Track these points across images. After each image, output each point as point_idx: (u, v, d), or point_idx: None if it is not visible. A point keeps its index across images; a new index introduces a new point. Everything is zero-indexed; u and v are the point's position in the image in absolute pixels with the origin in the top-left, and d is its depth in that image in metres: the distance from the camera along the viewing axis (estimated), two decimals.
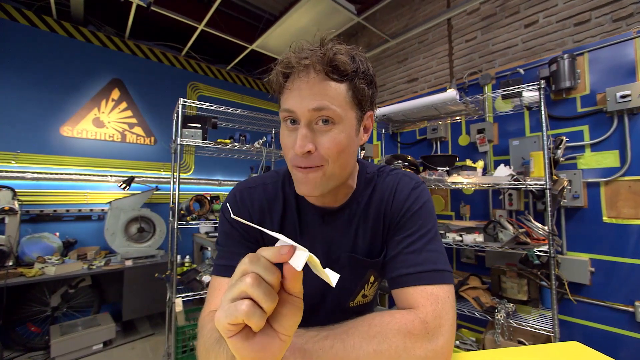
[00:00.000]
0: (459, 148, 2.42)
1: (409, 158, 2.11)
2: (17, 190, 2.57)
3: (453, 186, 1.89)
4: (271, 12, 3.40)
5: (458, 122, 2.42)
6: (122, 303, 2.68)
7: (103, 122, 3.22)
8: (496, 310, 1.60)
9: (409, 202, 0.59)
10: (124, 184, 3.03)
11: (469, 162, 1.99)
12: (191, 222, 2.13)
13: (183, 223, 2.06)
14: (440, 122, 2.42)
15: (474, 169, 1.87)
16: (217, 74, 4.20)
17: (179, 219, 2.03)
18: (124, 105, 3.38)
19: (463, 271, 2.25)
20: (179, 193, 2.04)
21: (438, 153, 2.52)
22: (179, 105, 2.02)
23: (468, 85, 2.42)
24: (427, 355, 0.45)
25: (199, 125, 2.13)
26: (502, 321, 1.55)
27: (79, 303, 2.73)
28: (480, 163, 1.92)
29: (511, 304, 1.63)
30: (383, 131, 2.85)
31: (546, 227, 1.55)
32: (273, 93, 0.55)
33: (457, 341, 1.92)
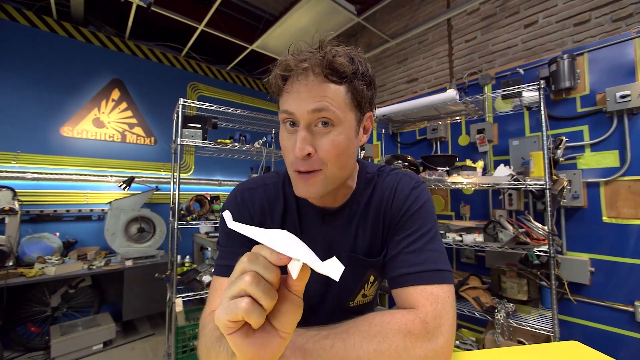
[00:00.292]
0: (459, 148, 2.42)
1: (409, 158, 2.11)
2: (17, 190, 2.57)
3: (453, 186, 1.89)
4: (271, 13, 3.40)
5: (458, 122, 2.42)
6: (122, 303, 2.68)
7: (103, 123, 3.23)
8: (496, 310, 1.61)
9: (409, 202, 0.59)
10: (124, 184, 3.03)
11: (469, 162, 1.99)
12: (191, 222, 2.13)
13: (183, 223, 2.06)
14: (440, 122, 2.42)
15: (474, 169, 1.87)
16: (217, 74, 4.21)
17: (179, 219, 2.03)
18: (124, 105, 3.38)
19: (463, 271, 2.25)
20: (179, 193, 2.05)
21: (438, 153, 2.52)
22: (179, 105, 2.02)
23: (468, 85, 2.42)
24: (427, 355, 0.45)
25: (199, 125, 2.13)
26: (502, 321, 1.56)
27: (79, 303, 2.73)
28: (480, 163, 1.92)
29: (511, 304, 1.63)
30: (383, 131, 2.85)
31: (546, 227, 1.55)
32: (272, 95, 0.55)
33: (457, 341, 1.92)
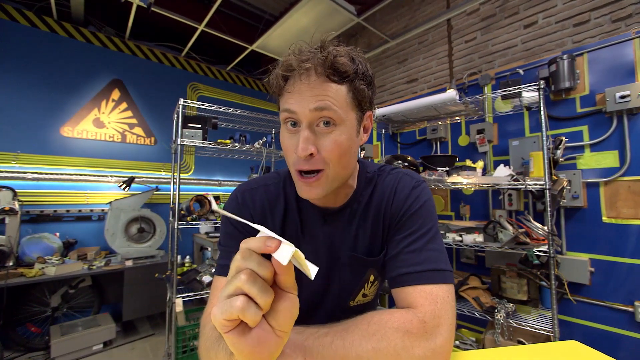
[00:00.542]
0: (459, 148, 2.42)
1: (409, 158, 2.11)
2: (18, 190, 2.57)
3: (453, 186, 1.90)
4: (271, 13, 3.40)
5: (458, 123, 2.42)
6: (122, 303, 2.68)
7: (103, 123, 3.23)
8: (496, 310, 1.61)
9: (410, 201, 0.59)
10: (124, 185, 3.03)
11: (469, 163, 1.99)
12: (191, 223, 2.13)
13: (183, 223, 2.07)
14: (440, 123, 2.43)
15: (474, 169, 1.87)
16: (217, 75, 4.21)
17: (179, 219, 2.03)
18: (124, 105, 3.38)
19: (463, 271, 2.25)
20: (179, 193, 2.05)
21: (438, 153, 2.52)
22: (179, 105, 2.02)
23: (468, 85, 2.43)
24: (426, 354, 0.45)
25: (199, 125, 2.13)
26: (502, 321, 1.56)
27: (79, 303, 2.73)
28: (480, 163, 1.92)
29: (511, 304, 1.63)
30: (383, 131, 2.85)
31: (546, 227, 1.55)
32: (272, 95, 0.55)
33: (457, 341, 1.92)
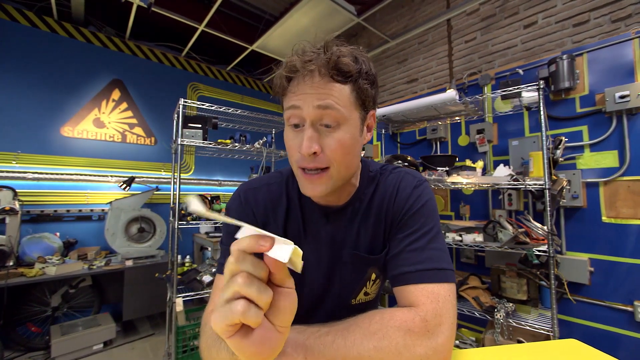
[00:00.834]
0: (459, 148, 2.42)
1: (409, 158, 2.11)
2: (18, 190, 2.57)
3: (453, 186, 1.90)
4: (271, 13, 3.40)
5: (458, 123, 2.42)
6: (123, 303, 2.68)
7: (103, 123, 3.23)
8: (496, 309, 1.61)
9: (411, 200, 0.59)
10: (125, 184, 3.03)
11: (469, 162, 1.99)
12: (191, 222, 2.13)
13: (183, 223, 2.06)
14: (440, 123, 2.43)
15: (474, 169, 1.87)
16: (217, 75, 4.21)
17: (180, 219, 2.03)
18: (125, 105, 3.38)
19: (463, 271, 2.25)
20: (180, 193, 2.05)
21: (438, 153, 2.52)
22: (180, 105, 2.03)
23: (468, 85, 2.43)
24: (427, 353, 0.45)
25: (200, 125, 2.13)
26: (502, 321, 1.56)
27: (80, 303, 2.73)
28: (479, 163, 1.93)
29: (511, 304, 1.64)
30: (383, 131, 2.85)
31: (545, 227, 1.56)
32: (275, 95, 0.55)
33: (457, 341, 1.93)
